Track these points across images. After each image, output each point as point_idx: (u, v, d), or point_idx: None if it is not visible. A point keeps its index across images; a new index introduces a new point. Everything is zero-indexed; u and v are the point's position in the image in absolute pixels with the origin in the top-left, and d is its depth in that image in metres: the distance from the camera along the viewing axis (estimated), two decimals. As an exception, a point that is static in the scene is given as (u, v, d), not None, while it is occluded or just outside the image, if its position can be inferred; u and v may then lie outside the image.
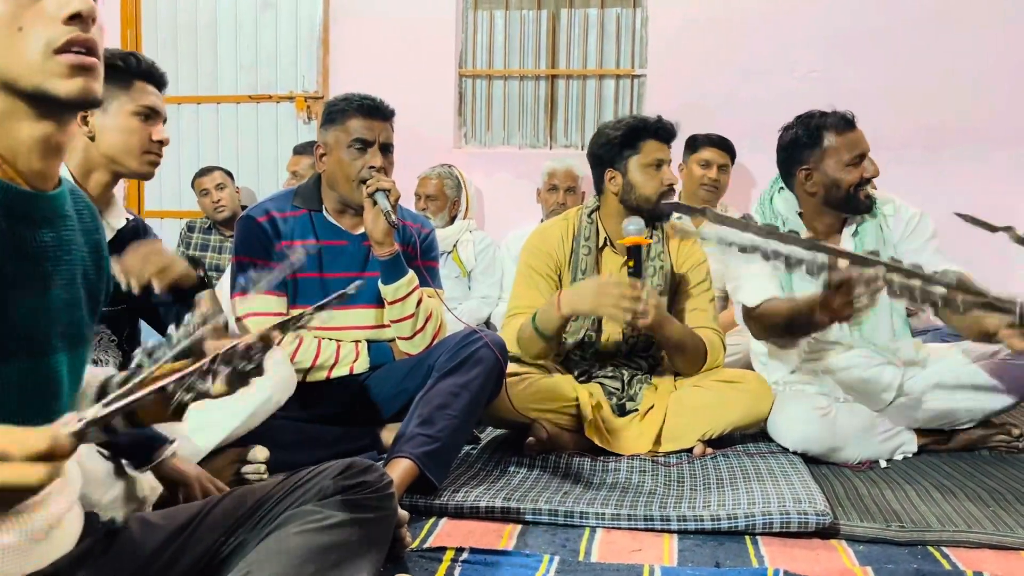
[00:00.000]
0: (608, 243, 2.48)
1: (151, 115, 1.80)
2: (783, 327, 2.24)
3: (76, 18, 0.88)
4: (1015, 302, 1.76)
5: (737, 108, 4.13)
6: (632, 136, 2.42)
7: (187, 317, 0.98)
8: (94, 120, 1.75)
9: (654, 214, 2.41)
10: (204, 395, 0.92)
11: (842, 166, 2.32)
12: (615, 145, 2.44)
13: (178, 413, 1.04)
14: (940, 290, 1.61)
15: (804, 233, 2.31)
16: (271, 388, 1.89)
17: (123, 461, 1.45)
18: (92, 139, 1.76)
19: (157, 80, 1.84)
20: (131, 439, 1.45)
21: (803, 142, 2.35)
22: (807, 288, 2.20)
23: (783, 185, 2.48)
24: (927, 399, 2.36)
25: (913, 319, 2.53)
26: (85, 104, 0.92)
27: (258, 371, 0.97)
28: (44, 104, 0.90)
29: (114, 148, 1.77)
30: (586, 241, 2.47)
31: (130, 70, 1.78)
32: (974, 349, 2.38)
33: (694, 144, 3.82)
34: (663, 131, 2.41)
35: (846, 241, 2.41)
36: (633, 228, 2.29)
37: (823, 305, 1.92)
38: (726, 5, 4.15)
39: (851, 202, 2.35)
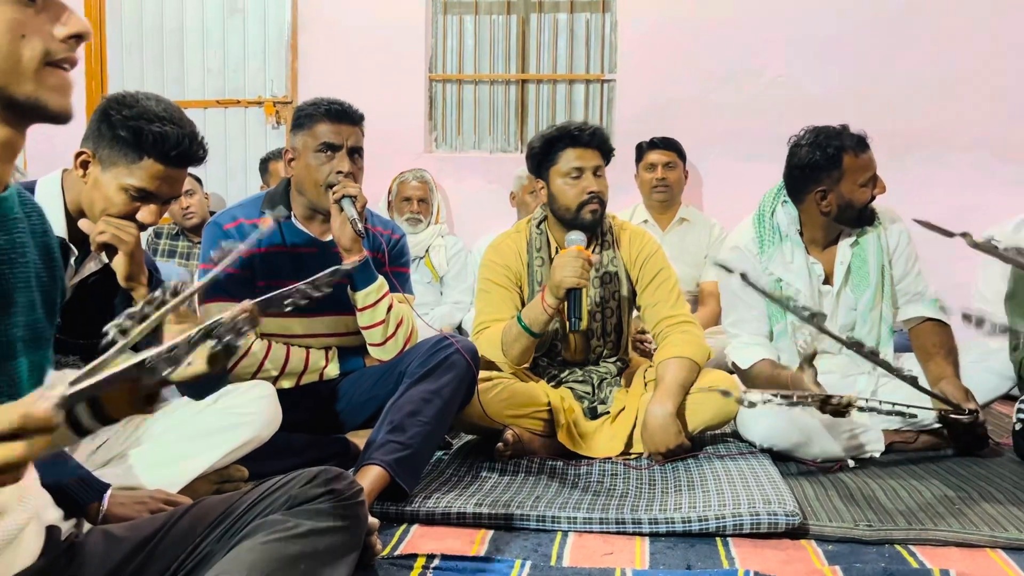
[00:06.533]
0: (560, 252, 2.48)
1: (145, 197, 1.65)
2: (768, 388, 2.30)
3: (75, 38, 0.91)
4: (959, 406, 2.17)
5: (706, 112, 4.17)
6: (548, 147, 2.42)
7: (157, 292, 0.94)
8: (91, 170, 1.64)
9: (574, 223, 2.39)
10: (179, 372, 0.86)
11: (857, 187, 2.37)
12: (535, 157, 2.46)
13: (150, 400, 0.99)
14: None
15: (800, 248, 2.47)
16: (258, 426, 1.87)
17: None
18: (85, 182, 1.66)
19: (178, 161, 1.66)
20: (63, 483, 1.38)
21: (820, 164, 2.36)
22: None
23: (785, 198, 2.50)
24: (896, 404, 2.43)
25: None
26: (65, 120, 0.93)
27: (236, 349, 0.92)
28: (26, 113, 0.90)
29: (90, 206, 1.66)
30: (538, 252, 2.48)
31: (156, 146, 1.61)
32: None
33: (640, 151, 3.88)
34: (582, 138, 2.38)
35: (843, 252, 2.48)
36: (575, 237, 2.31)
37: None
38: (694, 10, 4.18)
39: (861, 219, 2.43)
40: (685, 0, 4.18)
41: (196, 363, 0.91)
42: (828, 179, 2.37)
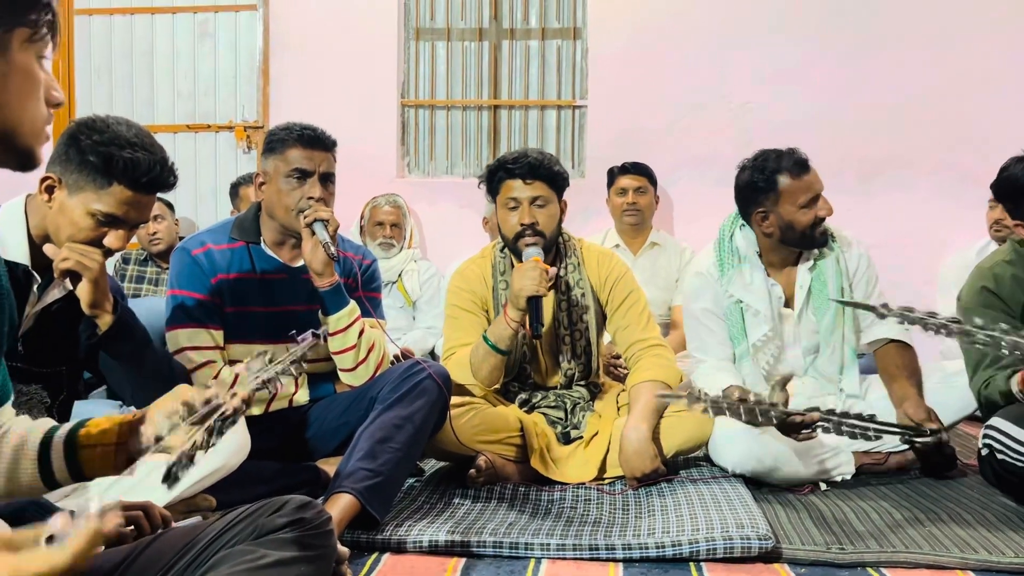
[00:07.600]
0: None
1: (113, 222, 1.63)
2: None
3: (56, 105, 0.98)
4: (922, 431, 2.19)
5: (675, 137, 4.22)
6: (492, 178, 2.45)
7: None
8: (57, 195, 1.61)
9: (514, 253, 2.43)
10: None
11: (797, 208, 2.37)
12: (487, 187, 2.49)
13: (130, 463, 1.10)
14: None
15: (759, 270, 2.48)
16: (227, 454, 1.84)
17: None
18: (50, 207, 1.62)
19: (148, 187, 1.64)
20: (22, 510, 1.34)
21: (759, 186, 2.39)
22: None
23: (744, 222, 2.52)
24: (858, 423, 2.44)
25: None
26: (32, 169, 0.98)
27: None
28: (10, 160, 0.95)
29: (56, 231, 1.63)
30: (502, 276, 2.49)
31: (126, 172, 1.59)
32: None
33: (611, 177, 3.92)
34: (515, 170, 2.39)
35: (802, 275, 2.49)
36: (531, 251, 2.33)
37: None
38: (664, 38, 4.24)
39: (806, 241, 2.43)
40: (655, 28, 4.24)
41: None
42: (767, 201, 2.39)
